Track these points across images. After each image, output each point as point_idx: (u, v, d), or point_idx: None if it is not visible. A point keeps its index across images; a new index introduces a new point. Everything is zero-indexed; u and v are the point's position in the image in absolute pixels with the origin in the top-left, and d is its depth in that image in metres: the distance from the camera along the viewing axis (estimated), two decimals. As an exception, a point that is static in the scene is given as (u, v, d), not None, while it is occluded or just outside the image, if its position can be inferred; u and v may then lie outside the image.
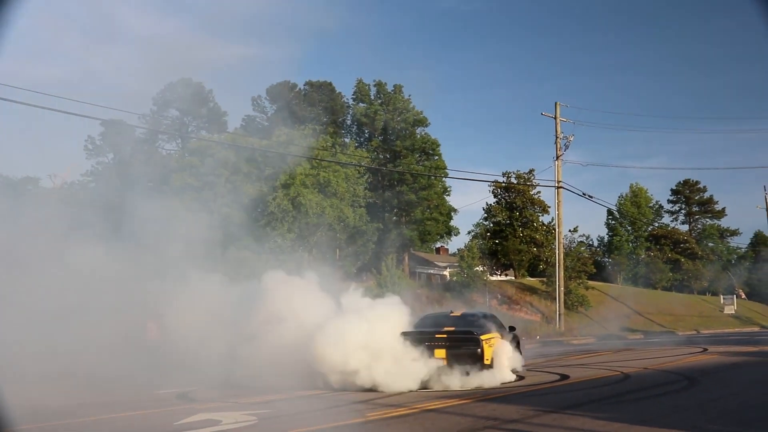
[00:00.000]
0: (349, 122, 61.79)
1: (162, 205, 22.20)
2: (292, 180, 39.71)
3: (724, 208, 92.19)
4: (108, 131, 54.48)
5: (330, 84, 61.66)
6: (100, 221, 18.01)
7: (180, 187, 37.20)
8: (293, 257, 35.16)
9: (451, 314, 19.23)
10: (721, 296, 76.10)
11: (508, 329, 19.33)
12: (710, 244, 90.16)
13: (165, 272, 16.63)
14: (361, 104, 57.96)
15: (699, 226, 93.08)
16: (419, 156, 56.26)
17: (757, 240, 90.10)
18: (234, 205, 34.12)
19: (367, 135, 59.20)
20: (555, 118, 44.41)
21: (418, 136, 55.94)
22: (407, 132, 55.58)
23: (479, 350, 16.14)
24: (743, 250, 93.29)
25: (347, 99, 61.08)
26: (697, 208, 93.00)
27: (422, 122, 56.52)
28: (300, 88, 61.87)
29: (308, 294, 17.59)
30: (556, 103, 44.68)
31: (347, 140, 55.90)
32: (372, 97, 57.66)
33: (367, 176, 49.11)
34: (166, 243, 19.55)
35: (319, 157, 41.69)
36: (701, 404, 12.55)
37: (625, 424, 10.30)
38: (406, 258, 57.92)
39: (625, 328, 49.30)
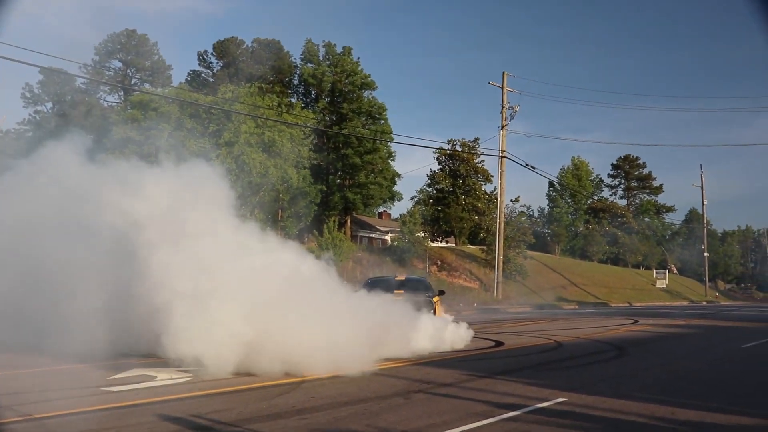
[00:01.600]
0: (296, 82, 61.17)
1: (99, 158, 21.48)
2: (236, 138, 39.27)
3: (661, 185, 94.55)
4: (47, 80, 53.12)
5: (278, 43, 60.92)
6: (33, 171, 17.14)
7: (121, 141, 36.50)
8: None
9: (396, 278, 19.80)
10: (654, 270, 78.08)
11: (438, 293, 20.13)
12: (646, 220, 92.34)
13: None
14: (309, 65, 57.42)
15: (637, 201, 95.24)
16: (365, 120, 56.10)
17: (691, 217, 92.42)
18: (176, 161, 33.58)
19: (313, 96, 58.73)
20: (502, 87, 44.65)
21: (365, 100, 55.74)
22: (354, 95, 55.32)
23: (433, 311, 16.88)
24: (677, 226, 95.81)
25: (295, 59, 60.47)
26: (635, 184, 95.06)
27: (370, 86, 56.29)
28: (247, 46, 61.00)
29: None
30: (503, 73, 44.97)
31: (293, 100, 55.35)
32: (320, 58, 57.14)
33: (312, 138, 48.80)
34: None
35: (264, 117, 41.24)
36: (630, 373, 12.89)
37: (554, 390, 10.53)
38: (349, 221, 57.96)
39: (560, 299, 50.33)
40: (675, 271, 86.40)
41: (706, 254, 75.12)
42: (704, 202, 75.40)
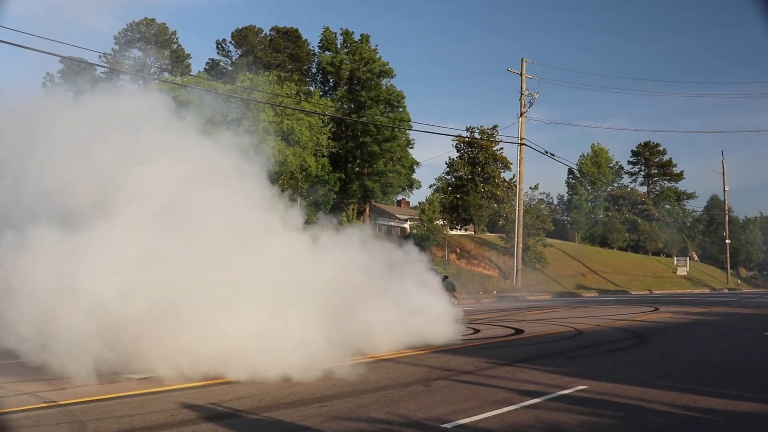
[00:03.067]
0: (314, 71, 61.11)
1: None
2: (255, 127, 39.33)
3: (682, 172, 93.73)
4: (67, 69, 53.37)
5: (296, 31, 60.82)
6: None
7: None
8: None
9: None
10: (675, 258, 77.62)
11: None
12: (667, 207, 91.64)
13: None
14: (327, 53, 57.32)
15: (657, 188, 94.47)
16: (384, 107, 55.97)
17: (713, 203, 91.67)
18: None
19: (332, 84, 58.68)
20: (521, 74, 44.37)
21: (384, 88, 55.56)
22: (373, 83, 55.17)
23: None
24: (698, 213, 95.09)
25: (313, 47, 60.38)
26: (656, 171, 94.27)
27: (388, 73, 56.09)
28: (266, 34, 60.98)
29: None
30: (522, 60, 44.61)
31: (312, 89, 55.31)
32: (338, 46, 57.05)
33: (330, 126, 48.82)
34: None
35: (283, 105, 41.29)
36: (650, 361, 12.83)
37: (574, 378, 10.52)
38: (367, 209, 57.99)
39: (580, 286, 50.16)
40: (696, 258, 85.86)
41: (727, 241, 74.55)
42: (725, 189, 74.80)
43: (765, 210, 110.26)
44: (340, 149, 53.94)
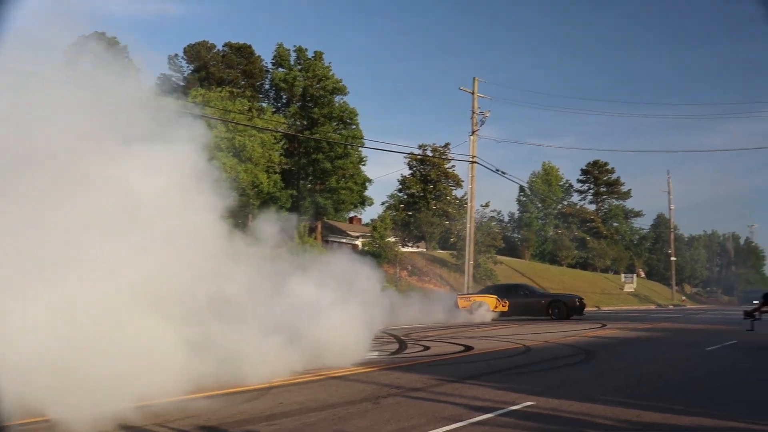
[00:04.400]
0: (267, 87, 61.04)
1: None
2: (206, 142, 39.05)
3: (629, 190, 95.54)
4: (17, 82, 52.48)
5: (250, 47, 60.64)
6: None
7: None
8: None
9: None
10: (622, 275, 78.82)
11: None
12: (615, 224, 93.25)
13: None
14: (280, 69, 57.29)
15: (606, 206, 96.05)
16: (336, 124, 56.05)
17: (659, 221, 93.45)
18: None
19: (285, 100, 58.65)
20: (473, 93, 44.83)
21: (337, 105, 55.67)
22: (325, 99, 55.22)
23: None
24: (645, 231, 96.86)
25: (266, 63, 60.32)
26: (604, 189, 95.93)
27: (341, 90, 56.25)
28: (219, 50, 60.74)
29: None
30: (474, 79, 45.10)
31: (264, 105, 55.21)
32: (292, 63, 57.06)
33: (283, 142, 48.74)
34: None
35: (235, 121, 41.11)
36: (597, 377, 13.01)
37: (522, 393, 10.62)
38: (319, 226, 57.88)
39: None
40: (643, 275, 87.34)
41: (673, 258, 75.98)
42: (671, 207, 76.20)
43: (709, 228, 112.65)
44: (293, 166, 53.83)
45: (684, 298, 77.93)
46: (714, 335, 23.34)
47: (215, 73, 55.83)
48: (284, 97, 58.42)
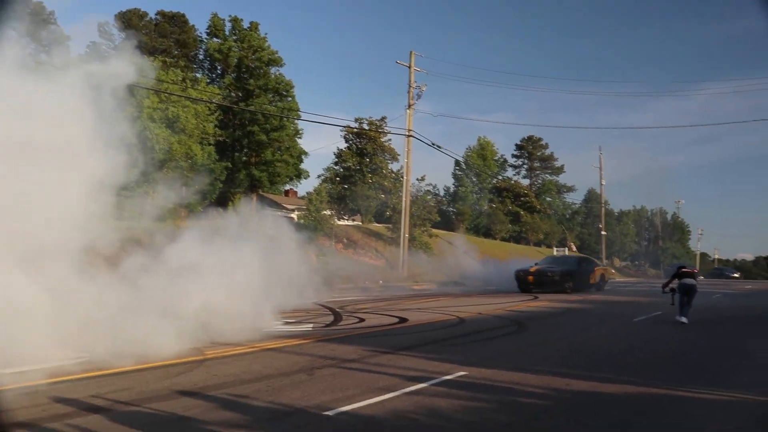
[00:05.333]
0: (201, 57, 59.93)
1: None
2: (138, 113, 38.28)
3: (563, 165, 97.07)
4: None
5: (183, 16, 59.45)
6: None
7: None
8: (136, 192, 34.14)
9: None
10: (554, 248, 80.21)
11: None
12: (548, 199, 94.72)
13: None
14: (215, 39, 56.24)
15: (539, 181, 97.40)
16: (272, 96, 55.46)
17: (590, 197, 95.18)
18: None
19: (219, 72, 57.68)
20: (409, 67, 44.84)
21: (272, 76, 55.03)
22: (261, 71, 54.53)
23: None
24: (577, 205, 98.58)
25: (201, 33, 59.22)
26: (538, 164, 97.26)
27: (277, 62, 55.60)
28: (151, 18, 59.35)
29: None
30: (411, 52, 45.08)
31: (199, 76, 54.23)
32: (227, 33, 56.12)
33: (217, 114, 48.02)
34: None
35: (168, 91, 40.35)
36: (528, 348, 13.29)
37: (455, 364, 10.79)
38: (255, 199, 57.37)
39: (464, 276, 51.11)
40: (574, 249, 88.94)
41: (603, 233, 77.63)
42: (602, 183, 77.77)
43: (638, 203, 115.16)
44: (227, 138, 53.12)
45: (613, 271, 79.67)
46: (641, 307, 24.01)
47: (147, 42, 54.57)
48: (219, 68, 57.44)
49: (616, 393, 8.97)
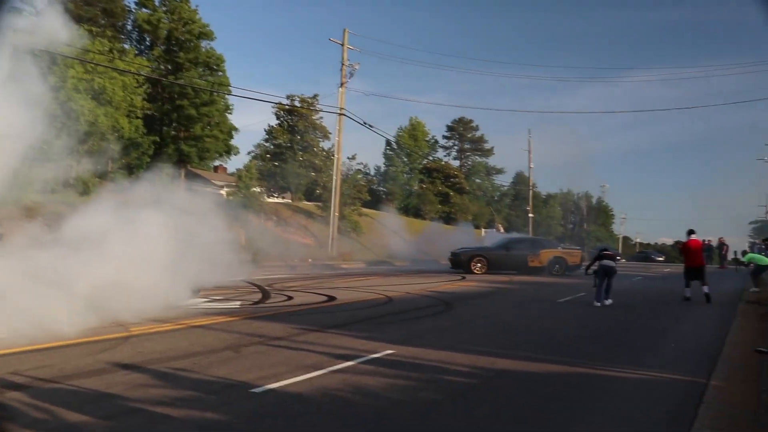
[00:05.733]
0: (129, 28, 58.45)
1: None
2: (62, 83, 37.17)
3: (492, 147, 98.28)
4: None
5: (110, -16, 57.80)
6: None
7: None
8: (60, 165, 33.25)
9: None
10: (483, 230, 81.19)
11: None
12: (477, 180, 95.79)
13: None
14: (144, 10, 54.94)
15: (469, 162, 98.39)
16: (202, 70, 54.60)
17: (519, 179, 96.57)
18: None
19: (148, 43, 56.42)
20: (342, 44, 44.60)
21: (203, 50, 54.14)
22: (191, 44, 53.56)
23: None
24: (506, 188, 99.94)
25: (129, 3, 57.72)
26: (468, 146, 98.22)
27: (208, 36, 54.67)
28: (77, -16, 57.58)
29: None
30: (344, 30, 44.83)
31: (127, 47, 52.92)
32: (156, 4, 54.84)
33: (146, 86, 47.00)
34: None
35: (94, 62, 39.26)
36: (455, 327, 13.45)
37: (383, 342, 10.85)
38: (183, 174, 56.48)
39: (393, 255, 51.40)
40: (502, 230, 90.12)
41: (530, 215, 78.85)
42: (531, 166, 78.79)
43: (565, 187, 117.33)
44: (156, 111, 52.09)
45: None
46: (565, 288, 24.50)
47: (72, 9, 52.89)
48: (148, 39, 56.17)
49: (539, 371, 9.16)
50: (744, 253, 28.91)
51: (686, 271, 21.64)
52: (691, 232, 21.91)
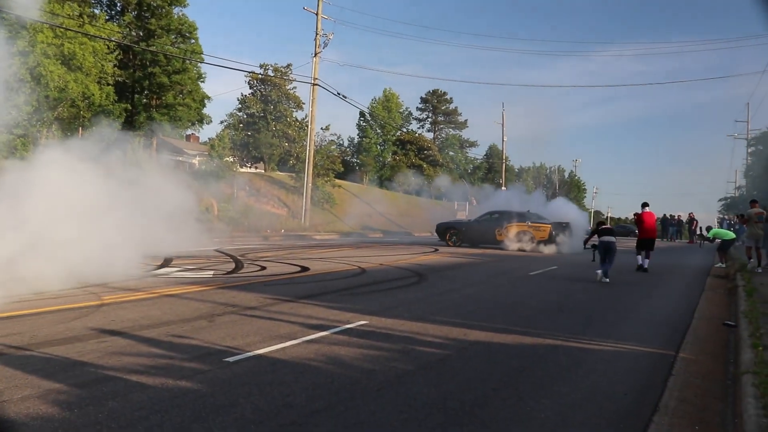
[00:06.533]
0: (100, -8, 57.46)
1: None
2: (31, 48, 36.50)
3: (466, 120, 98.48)
4: None
5: (80, -53, 56.67)
6: None
7: None
8: (29, 132, 32.87)
9: None
10: (456, 202, 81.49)
11: None
12: (451, 153, 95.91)
13: None
14: (114, -26, 54.05)
15: (443, 135, 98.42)
16: (175, 38, 53.86)
17: (492, 152, 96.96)
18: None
19: (119, 9, 55.51)
20: (317, 14, 44.28)
21: (175, 17, 53.38)
22: (163, 11, 52.76)
23: None
24: (479, 161, 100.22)
25: (99, -33, 56.65)
26: (442, 118, 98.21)
27: (180, 2, 53.87)
28: (45, -52, 56.37)
29: None
30: (318, -1, 44.50)
31: (97, 12, 52.02)
32: (127, -32, 53.93)
33: (117, 53, 46.30)
34: None
35: (64, 26, 38.57)
36: (427, 298, 13.52)
37: (356, 313, 10.92)
38: (155, 143, 55.95)
39: (366, 227, 51.51)
40: (475, 203, 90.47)
41: (503, 188, 79.17)
42: (504, 139, 79.05)
43: (538, 160, 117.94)
44: (127, 79, 51.38)
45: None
46: (537, 261, 24.74)
47: (42, -27, 51.92)
48: (118, 4, 55.25)
49: (511, 343, 9.27)
50: (708, 228, 29.31)
51: (639, 242, 22.17)
52: (645, 204, 22.32)
